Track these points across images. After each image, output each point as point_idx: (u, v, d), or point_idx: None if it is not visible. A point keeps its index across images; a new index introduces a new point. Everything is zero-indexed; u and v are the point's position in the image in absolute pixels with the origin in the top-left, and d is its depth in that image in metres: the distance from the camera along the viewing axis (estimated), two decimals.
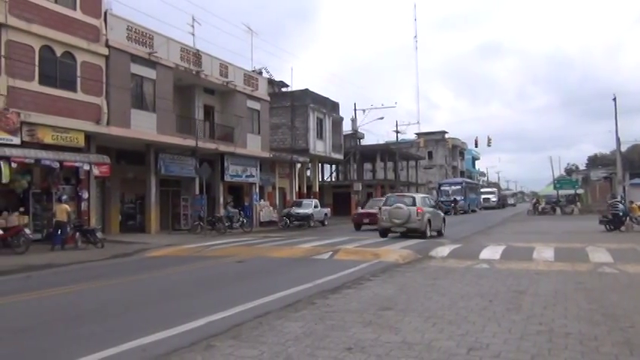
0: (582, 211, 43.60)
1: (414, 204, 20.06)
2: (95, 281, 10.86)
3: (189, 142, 25.16)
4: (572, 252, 13.71)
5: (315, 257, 13.85)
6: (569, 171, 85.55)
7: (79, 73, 19.81)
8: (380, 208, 21.49)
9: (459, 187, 53.57)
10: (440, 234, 21.44)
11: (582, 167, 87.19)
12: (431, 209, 21.20)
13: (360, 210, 30.34)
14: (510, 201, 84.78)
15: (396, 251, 14.43)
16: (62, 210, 17.61)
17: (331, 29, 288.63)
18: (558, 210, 44.08)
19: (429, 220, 20.14)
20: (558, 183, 50.28)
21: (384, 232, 20.54)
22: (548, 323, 6.04)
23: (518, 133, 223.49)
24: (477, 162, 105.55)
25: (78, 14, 19.85)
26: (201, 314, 6.95)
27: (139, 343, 5.63)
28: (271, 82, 40.56)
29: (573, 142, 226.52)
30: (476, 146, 59.40)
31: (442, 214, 23.27)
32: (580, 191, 52.16)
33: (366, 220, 26.37)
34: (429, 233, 19.90)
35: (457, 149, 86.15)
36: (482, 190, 70.86)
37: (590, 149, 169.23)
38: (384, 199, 26.64)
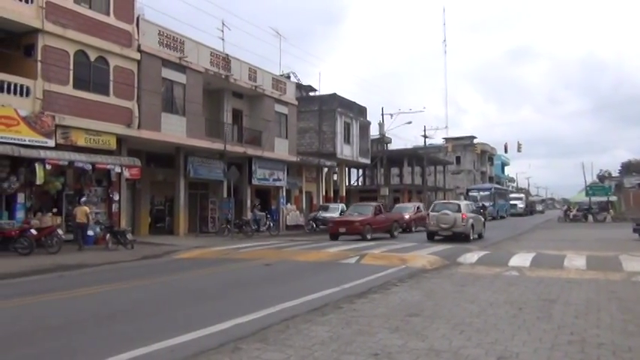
0: (615, 218, 42.53)
1: (459, 210, 21.97)
2: (125, 282, 11.05)
3: (218, 146, 25.44)
4: (605, 260, 13.38)
5: (341, 261, 13.83)
6: (602, 177, 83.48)
7: (111, 78, 20.24)
8: (428, 214, 23.48)
9: (487, 192, 52.70)
10: (480, 237, 23.41)
11: (615, 174, 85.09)
12: (473, 215, 23.28)
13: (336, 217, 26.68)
14: (538, 207, 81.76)
15: (423, 257, 14.31)
16: (82, 212, 18.00)
17: (359, 34, 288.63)
18: (590, 217, 43.09)
19: (472, 225, 22.20)
20: (590, 190, 49.11)
21: (430, 236, 22.47)
22: (580, 333, 5.91)
23: (549, 138, 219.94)
24: (506, 168, 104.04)
25: (111, 20, 20.30)
26: (229, 316, 7.01)
27: (167, 344, 5.71)
28: (299, 86, 40.77)
29: (606, 148, 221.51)
30: (505, 152, 58.69)
31: (483, 219, 25.31)
32: (613, 198, 50.83)
33: (343, 230, 22.82)
34: (472, 236, 21.89)
35: (486, 154, 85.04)
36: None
37: (623, 155, 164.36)
38: (365, 204, 26.66)
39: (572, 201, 57.20)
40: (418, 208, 30.72)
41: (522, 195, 74.06)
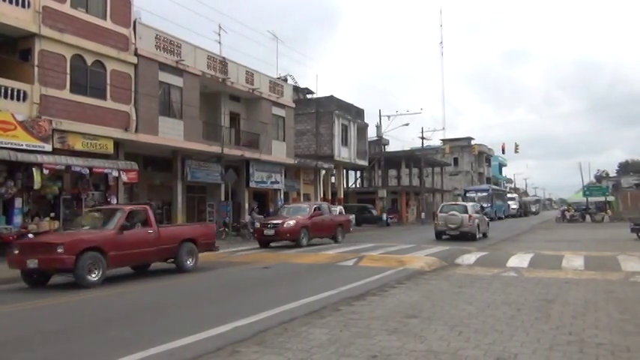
0: (613, 218, 42.59)
1: (465, 211, 23.18)
2: (124, 286, 11.02)
3: (215, 149, 25.43)
4: (603, 260, 13.42)
5: (340, 264, 13.82)
6: (599, 178, 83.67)
7: (108, 82, 20.21)
8: (436, 214, 24.65)
9: (485, 194, 52.83)
10: (485, 236, 24.49)
11: (613, 174, 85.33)
12: (479, 215, 24.47)
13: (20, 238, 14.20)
14: (533, 208, 78.90)
15: (421, 258, 14.31)
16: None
17: (356, 36, 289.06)
18: (588, 218, 43.19)
19: (478, 225, 23.41)
20: (588, 190, 49.21)
21: (439, 235, 23.54)
22: (579, 333, 5.92)
23: (546, 139, 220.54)
24: (503, 168, 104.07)
25: (108, 24, 20.28)
26: (228, 320, 7.00)
27: (166, 348, 5.70)
28: (296, 89, 40.77)
29: (603, 148, 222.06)
30: (502, 152, 58.68)
31: (487, 219, 26.93)
32: (610, 198, 50.96)
33: (33, 262, 10.19)
34: (478, 235, 23.08)
35: (483, 156, 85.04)
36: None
37: (620, 155, 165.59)
38: (107, 209, 13.59)
39: (570, 201, 57.34)
40: (317, 209, 21.98)
41: (515, 195, 72.89)
